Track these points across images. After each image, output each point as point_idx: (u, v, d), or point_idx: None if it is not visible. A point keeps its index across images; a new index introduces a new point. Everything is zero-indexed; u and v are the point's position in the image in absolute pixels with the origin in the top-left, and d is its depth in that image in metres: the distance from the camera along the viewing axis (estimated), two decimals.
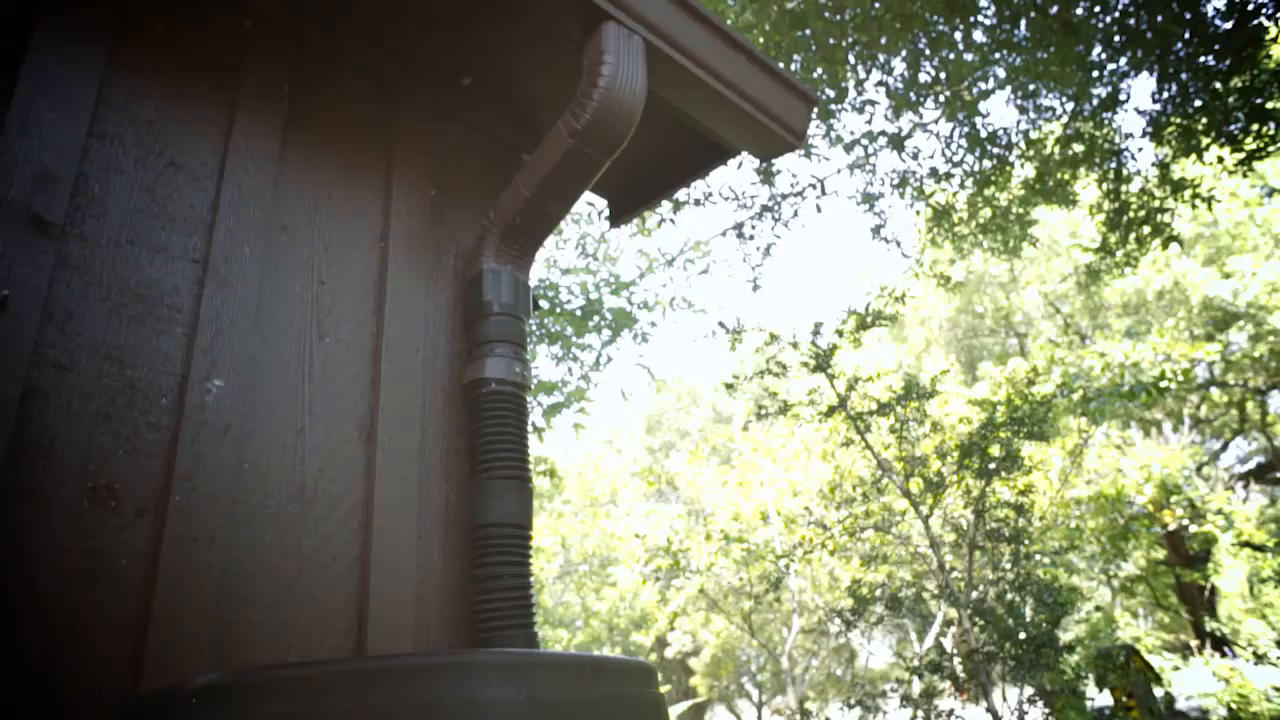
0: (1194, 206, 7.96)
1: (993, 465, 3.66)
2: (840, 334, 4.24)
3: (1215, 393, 19.66)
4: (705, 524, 13.68)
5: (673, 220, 8.95)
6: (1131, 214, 8.30)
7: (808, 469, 12.61)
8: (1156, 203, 8.25)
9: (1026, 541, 3.60)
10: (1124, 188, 8.40)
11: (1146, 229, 8.26)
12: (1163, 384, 13.64)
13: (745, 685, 23.71)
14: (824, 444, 10.67)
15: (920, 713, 3.52)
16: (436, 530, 1.75)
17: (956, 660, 3.62)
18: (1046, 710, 3.65)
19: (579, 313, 8.63)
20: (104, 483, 1.38)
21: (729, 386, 4.96)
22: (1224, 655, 16.62)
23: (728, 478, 15.17)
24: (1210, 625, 17.98)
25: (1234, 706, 13.67)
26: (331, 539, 1.60)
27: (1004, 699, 3.41)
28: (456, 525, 1.78)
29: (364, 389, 1.74)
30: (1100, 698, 11.72)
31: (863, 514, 4.15)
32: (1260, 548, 16.69)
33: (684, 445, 26.67)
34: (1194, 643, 18.72)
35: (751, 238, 8.86)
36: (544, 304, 8.50)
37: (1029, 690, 3.38)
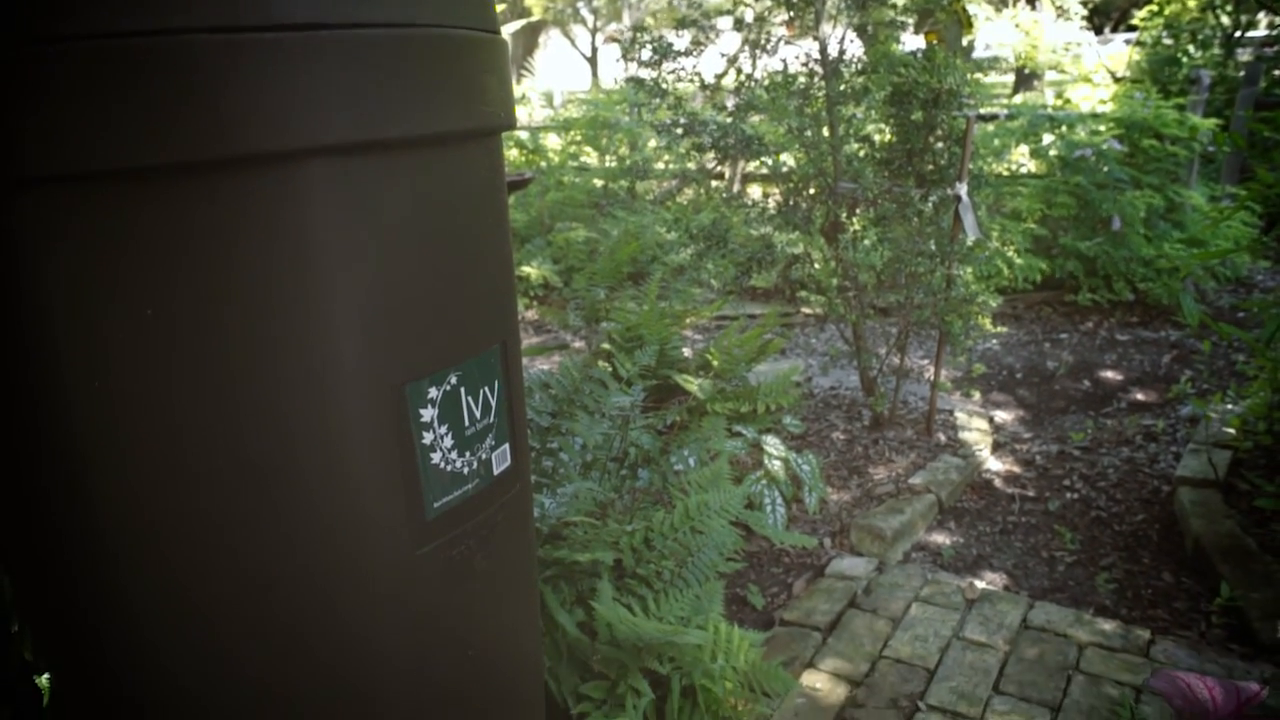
0: None
1: None
2: None
3: None
4: None
5: None
6: None
7: None
8: None
9: None
10: None
11: None
12: None
13: (580, 10, 23.58)
14: None
15: (751, 37, 3.58)
16: None
17: None
18: (865, 45, 3.82)
19: None
20: None
21: None
22: (1034, 9, 17.66)
23: None
24: None
25: (1021, 55, 15.06)
26: None
27: (830, 34, 3.49)
28: None
29: None
30: (915, 41, 12.50)
31: None
32: None
33: None
34: None
35: None
36: None
37: (854, 32, 3.47)
